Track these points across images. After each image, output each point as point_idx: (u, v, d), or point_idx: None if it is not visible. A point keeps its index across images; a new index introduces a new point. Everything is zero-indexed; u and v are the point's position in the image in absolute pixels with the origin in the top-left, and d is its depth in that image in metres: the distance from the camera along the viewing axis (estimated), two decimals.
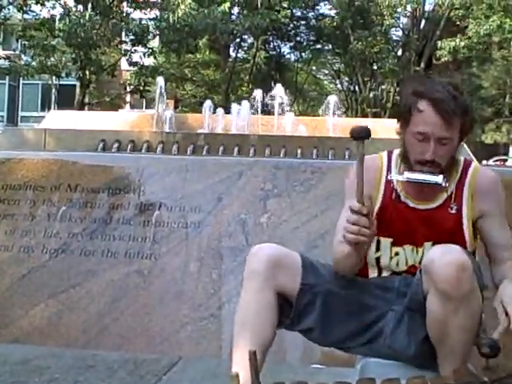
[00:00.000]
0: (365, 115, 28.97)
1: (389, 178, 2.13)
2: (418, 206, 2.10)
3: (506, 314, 1.85)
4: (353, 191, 2.05)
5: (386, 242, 2.14)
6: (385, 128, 8.75)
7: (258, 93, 11.29)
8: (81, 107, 23.58)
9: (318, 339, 2.15)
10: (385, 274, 2.16)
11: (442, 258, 1.83)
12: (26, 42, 23.68)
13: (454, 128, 1.99)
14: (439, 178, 2.01)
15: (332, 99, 10.32)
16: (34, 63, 23.93)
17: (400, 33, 32.52)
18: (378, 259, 2.16)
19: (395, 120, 2.15)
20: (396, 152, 2.19)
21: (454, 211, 2.08)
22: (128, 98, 31.14)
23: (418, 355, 2.00)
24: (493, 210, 2.10)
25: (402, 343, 2.01)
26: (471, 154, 7.74)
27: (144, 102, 30.19)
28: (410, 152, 2.04)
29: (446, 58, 23.65)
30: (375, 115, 28.38)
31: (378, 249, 2.15)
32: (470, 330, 1.91)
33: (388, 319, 2.05)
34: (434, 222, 2.08)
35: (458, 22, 24.73)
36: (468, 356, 1.98)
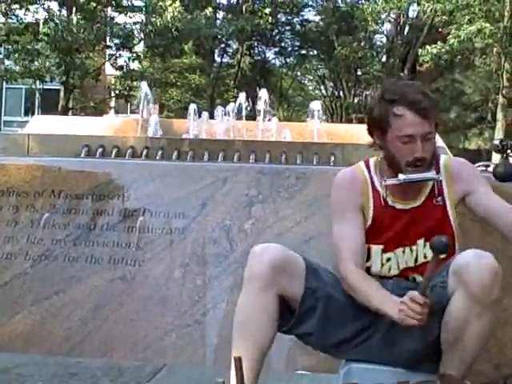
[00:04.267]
0: (349, 121, 29.07)
1: (383, 183, 2.15)
2: (405, 207, 2.15)
3: None
4: (345, 207, 2.15)
5: (376, 249, 2.16)
6: None
7: (242, 96, 11.23)
8: (65, 112, 23.49)
9: (315, 343, 2.17)
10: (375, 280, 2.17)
11: (477, 262, 1.86)
12: (10, 47, 23.55)
13: (432, 121, 2.08)
14: (433, 174, 2.11)
15: (316, 104, 10.31)
16: (17, 67, 23.80)
17: (384, 39, 32.73)
18: (368, 268, 2.17)
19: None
20: (372, 160, 2.23)
21: (439, 202, 2.15)
22: (113, 102, 31.02)
23: (419, 353, 2.01)
24: (475, 186, 2.15)
25: (404, 340, 2.00)
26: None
27: (129, 106, 30.11)
28: (398, 156, 2.08)
29: (428, 65, 23.81)
30: (360, 121, 28.48)
31: (368, 258, 2.17)
32: (485, 339, 1.95)
33: (384, 321, 2.04)
34: (422, 218, 2.14)
35: (440, 29, 24.92)
36: (472, 364, 1.99)
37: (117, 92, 26.97)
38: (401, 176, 2.09)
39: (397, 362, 2.03)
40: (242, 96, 11.35)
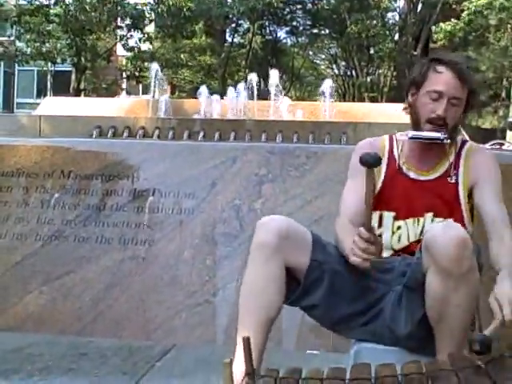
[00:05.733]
0: (362, 100, 28.88)
1: (394, 137, 2.25)
2: (419, 177, 2.18)
3: (501, 310, 1.84)
4: (356, 169, 2.12)
5: (388, 216, 2.18)
6: (382, 113, 8.72)
7: (253, 77, 11.20)
8: (76, 93, 23.50)
9: (321, 317, 2.14)
10: (385, 254, 2.15)
11: (444, 234, 1.83)
12: (21, 28, 23.54)
13: (464, 90, 2.15)
14: (440, 134, 2.12)
15: (328, 83, 10.24)
16: (28, 49, 23.80)
17: (397, 17, 32.36)
18: (379, 235, 2.14)
19: (392, 104, 2.21)
20: (398, 134, 2.29)
21: (453, 181, 2.16)
22: (124, 84, 31.01)
23: (414, 336, 1.98)
24: (485, 179, 2.15)
25: (399, 322, 2.00)
26: (468, 138, 7.71)
27: (140, 87, 30.08)
28: (421, 113, 2.17)
29: (442, 42, 23.52)
30: (372, 100, 28.30)
31: (380, 224, 2.17)
32: (468, 310, 1.91)
33: (388, 300, 2.05)
34: (434, 193, 2.15)
35: (454, 6, 24.57)
36: (465, 338, 1.97)
37: (128, 73, 26.94)
38: (410, 132, 2.16)
39: (401, 345, 2.02)
40: (253, 76, 11.31)
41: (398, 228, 2.16)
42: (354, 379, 1.66)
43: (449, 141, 2.14)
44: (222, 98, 10.53)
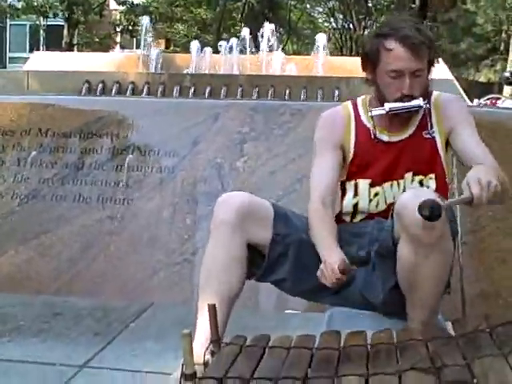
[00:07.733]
0: (359, 54, 28.52)
1: (369, 114, 2.11)
2: (392, 139, 2.10)
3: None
4: (322, 146, 2.14)
5: (364, 184, 2.10)
6: None
7: (246, 31, 11.04)
8: (69, 48, 23.18)
9: (290, 289, 2.12)
10: (359, 217, 2.11)
11: (413, 202, 1.75)
12: None
13: (423, 58, 2.03)
14: (420, 101, 2.04)
15: (321, 37, 10.03)
16: (19, 3, 23.40)
17: None
18: (355, 205, 2.11)
19: None
20: (360, 99, 2.21)
21: (428, 136, 2.09)
22: (118, 38, 30.58)
23: (387, 303, 1.95)
24: (462, 124, 2.10)
25: (373, 290, 1.96)
26: (463, 93, 7.60)
27: (135, 42, 29.68)
28: (386, 92, 2.06)
29: None
30: None
31: (356, 193, 2.11)
32: (440, 279, 1.86)
33: (359, 270, 1.99)
34: (411, 151, 2.09)
35: None
36: (437, 306, 1.94)
37: (121, 27, 26.56)
38: (386, 105, 2.06)
39: (375, 310, 1.98)
40: (246, 31, 11.14)
41: (376, 195, 2.09)
42: (320, 348, 1.61)
43: (428, 105, 2.07)
44: (216, 53, 10.34)
